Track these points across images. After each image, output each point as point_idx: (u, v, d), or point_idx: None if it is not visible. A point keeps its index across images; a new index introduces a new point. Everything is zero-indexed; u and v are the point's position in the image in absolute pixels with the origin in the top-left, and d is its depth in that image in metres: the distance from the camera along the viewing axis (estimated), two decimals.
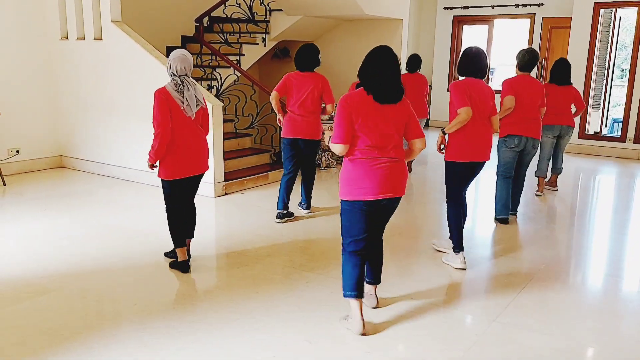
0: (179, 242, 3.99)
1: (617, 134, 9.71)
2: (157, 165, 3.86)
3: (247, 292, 3.69)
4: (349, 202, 3.11)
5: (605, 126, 10.17)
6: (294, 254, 4.45)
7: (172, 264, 4.06)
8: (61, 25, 7.00)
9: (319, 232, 5.03)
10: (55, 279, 3.86)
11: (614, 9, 9.32)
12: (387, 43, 8.77)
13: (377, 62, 3.02)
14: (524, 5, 11.04)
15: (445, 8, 11.98)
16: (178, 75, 3.76)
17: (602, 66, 9.73)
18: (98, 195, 6.16)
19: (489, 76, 11.80)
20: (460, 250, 4.19)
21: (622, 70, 13.01)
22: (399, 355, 3.04)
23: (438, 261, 4.35)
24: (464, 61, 4.14)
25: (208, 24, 8.28)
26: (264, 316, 3.36)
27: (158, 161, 3.83)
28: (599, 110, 9.93)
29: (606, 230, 5.47)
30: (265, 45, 8.32)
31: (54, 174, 7.06)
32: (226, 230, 5.07)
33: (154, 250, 4.40)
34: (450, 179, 4.20)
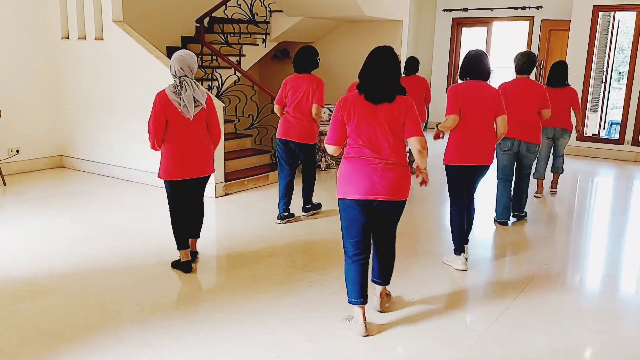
0: (181, 244, 4.00)
1: (615, 136, 9.75)
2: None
3: (249, 292, 3.71)
4: (342, 200, 3.14)
5: (603, 128, 10.20)
6: (295, 255, 4.46)
7: (174, 263, 4.07)
8: (62, 25, 7.01)
9: (320, 232, 5.05)
10: (56, 279, 3.87)
11: (612, 12, 9.36)
12: (387, 44, 8.83)
13: (371, 62, 3.05)
14: (523, 8, 11.07)
15: (445, 10, 12.02)
16: (178, 76, 3.76)
17: (600, 69, 9.77)
18: (98, 195, 6.16)
19: None
20: (462, 252, 4.21)
21: (620, 73, 13.06)
22: (400, 356, 3.06)
23: (438, 262, 4.37)
24: (464, 64, 4.15)
25: (208, 25, 8.28)
26: (266, 316, 3.37)
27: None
28: (597, 113, 9.96)
29: (605, 232, 5.50)
30: (265, 46, 8.34)
31: (54, 173, 7.06)
32: (227, 231, 5.07)
33: (155, 251, 4.41)
34: (449, 181, 4.24)
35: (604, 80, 9.81)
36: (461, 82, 4.19)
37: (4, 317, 3.33)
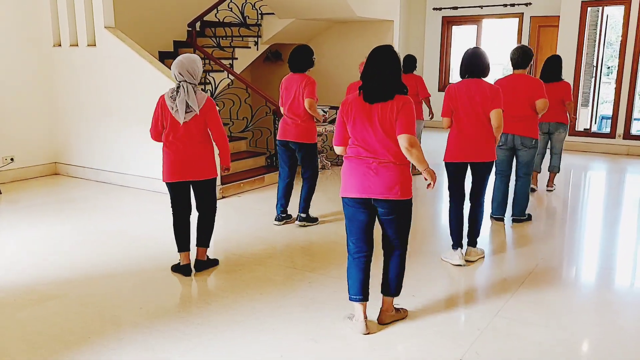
0: (180, 246, 4.02)
1: (606, 130, 9.84)
2: None
3: (250, 293, 3.73)
4: (342, 199, 3.19)
5: (594, 123, 10.29)
6: (295, 256, 4.48)
7: (174, 267, 4.09)
8: (54, 31, 7.00)
9: (318, 233, 5.07)
10: (57, 285, 3.88)
11: (601, 7, 9.44)
12: (379, 44, 8.86)
13: (369, 62, 3.09)
14: (512, 5, 11.16)
15: (435, 9, 12.08)
16: (177, 81, 3.80)
17: (590, 64, 9.84)
18: (95, 202, 6.16)
19: None
20: (459, 247, 4.27)
21: (609, 68, 13.17)
22: (403, 353, 3.09)
23: (436, 260, 4.40)
24: (461, 63, 4.25)
25: (200, 28, 8.30)
26: (268, 317, 3.39)
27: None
28: (588, 108, 10.04)
29: (600, 226, 5.55)
30: (257, 49, 8.35)
31: (49, 181, 7.05)
32: (225, 233, 5.08)
33: (155, 255, 4.42)
34: (447, 178, 4.37)
35: (594, 75, 9.89)
36: (459, 80, 4.28)
37: (7, 324, 3.34)
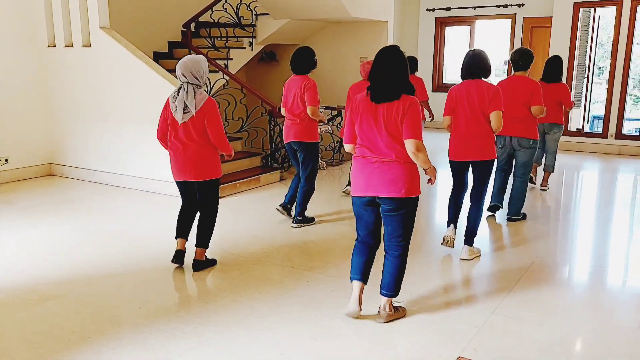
0: (177, 232, 4.20)
1: (598, 130, 9.93)
2: None
3: (249, 292, 3.74)
4: (352, 197, 3.31)
5: (587, 123, 10.37)
6: (292, 255, 4.50)
7: (173, 255, 4.20)
8: (48, 32, 6.98)
9: (315, 233, 5.09)
10: (57, 285, 3.88)
11: (593, 8, 9.53)
12: (373, 45, 8.92)
13: (375, 62, 3.15)
14: (505, 6, 11.22)
15: (428, 10, 12.13)
16: (181, 81, 3.87)
17: (582, 64, 9.93)
18: (92, 202, 6.15)
19: None
20: (452, 224, 4.56)
21: (599, 68, 13.28)
22: (401, 350, 3.11)
23: (433, 258, 4.44)
24: (462, 64, 4.35)
25: (195, 29, 8.30)
26: (268, 316, 3.41)
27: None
28: (581, 108, 10.13)
29: (594, 225, 5.61)
30: (252, 49, 8.37)
31: (44, 182, 7.03)
32: (222, 234, 5.08)
33: (153, 255, 4.44)
34: (451, 173, 4.58)
35: (586, 76, 9.97)
36: (460, 82, 4.40)
37: (7, 324, 3.34)
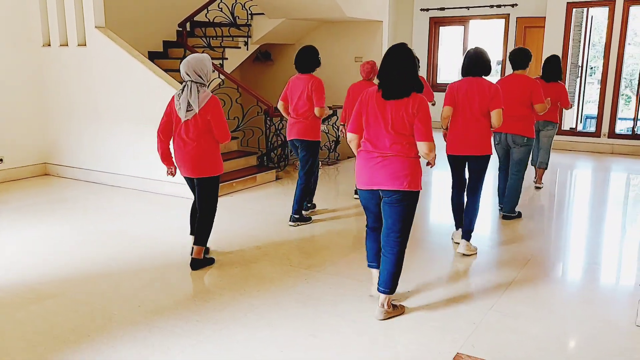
0: (191, 230, 4.32)
1: (591, 129, 10.00)
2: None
3: (248, 291, 3.76)
4: (358, 189, 3.46)
5: (580, 122, 10.45)
6: (290, 254, 4.51)
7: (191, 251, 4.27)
8: (43, 31, 6.96)
9: (312, 231, 5.11)
10: (56, 284, 3.87)
11: (586, 9, 9.60)
12: (368, 45, 8.94)
13: (384, 60, 3.25)
14: (499, 6, 11.28)
15: (422, 10, 12.17)
16: (185, 80, 3.92)
17: (575, 64, 10.01)
18: (88, 202, 6.14)
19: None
20: (459, 227, 4.60)
21: (591, 68, 13.36)
22: (401, 346, 3.14)
23: (430, 255, 4.47)
24: (463, 62, 4.45)
25: (190, 29, 8.30)
26: (267, 313, 3.42)
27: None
28: (574, 107, 10.19)
29: (589, 223, 5.66)
30: (247, 49, 8.38)
31: (39, 181, 7.01)
32: (219, 233, 5.09)
33: (152, 254, 4.44)
34: (450, 168, 4.63)
35: (579, 75, 10.05)
36: (460, 79, 4.49)
37: (7, 323, 3.33)
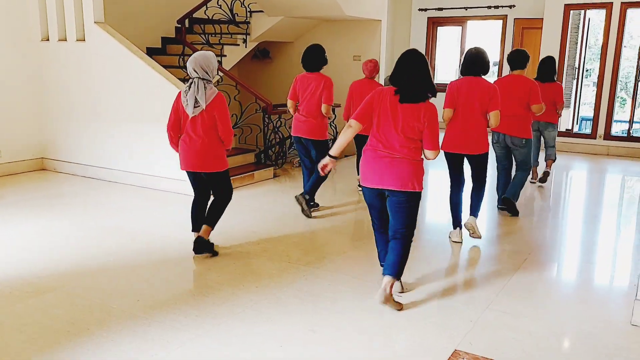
0: (193, 227, 4.35)
1: (586, 131, 10.06)
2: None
3: (247, 286, 3.77)
4: (362, 187, 3.53)
5: (576, 123, 10.51)
6: (289, 250, 4.53)
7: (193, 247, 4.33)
8: (42, 26, 6.94)
9: (311, 229, 5.13)
10: (54, 278, 3.87)
11: (583, 11, 9.65)
12: (367, 44, 8.96)
13: (401, 65, 3.33)
14: (496, 7, 11.33)
15: (420, 10, 12.21)
16: (192, 77, 3.98)
17: (572, 66, 10.06)
18: (86, 197, 6.14)
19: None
20: (457, 227, 4.66)
21: (587, 70, 13.44)
22: (399, 343, 3.16)
23: (428, 252, 4.50)
24: (463, 61, 4.53)
25: (189, 25, 8.29)
26: (267, 308, 3.44)
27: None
28: (570, 109, 10.25)
29: (585, 222, 5.68)
30: (246, 46, 8.39)
31: (36, 176, 6.99)
32: (218, 229, 5.07)
33: (151, 249, 4.45)
34: (447, 164, 4.71)
35: (575, 77, 10.10)
36: (460, 77, 4.57)
37: (6, 317, 3.33)
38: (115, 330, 3.15)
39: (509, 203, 5.53)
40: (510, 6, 11.17)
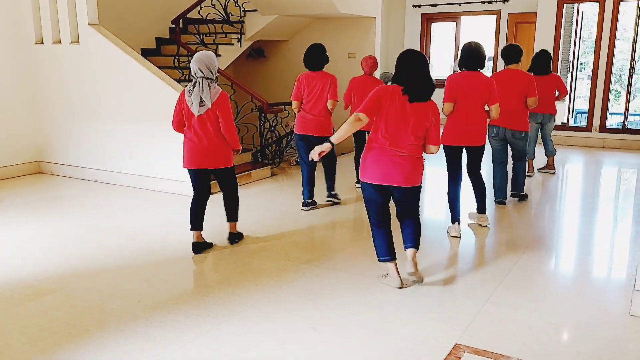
0: (192, 225, 4.37)
1: (582, 124, 10.08)
2: None
3: (247, 285, 3.78)
4: (363, 182, 3.61)
5: (571, 117, 10.53)
6: (287, 249, 4.53)
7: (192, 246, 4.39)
8: (35, 29, 6.93)
9: (309, 227, 5.14)
10: (54, 280, 3.88)
11: (576, 4, 9.67)
12: (361, 41, 8.97)
13: (408, 64, 3.42)
14: (490, 2, 11.34)
15: (414, 6, 12.21)
16: (197, 77, 4.04)
17: (566, 59, 10.08)
18: (84, 199, 6.13)
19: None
20: (456, 221, 4.69)
21: (582, 64, 13.46)
22: (400, 337, 3.16)
23: (426, 248, 4.50)
24: (460, 56, 4.57)
25: (183, 25, 8.29)
26: (267, 307, 3.45)
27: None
28: (565, 102, 10.27)
29: (582, 215, 5.71)
30: (240, 46, 8.39)
31: (33, 179, 6.99)
32: (216, 228, 5.11)
33: (150, 250, 4.46)
34: (446, 159, 4.75)
35: (570, 71, 10.13)
36: (458, 71, 4.63)
37: (7, 319, 3.34)
38: (116, 331, 3.16)
39: (519, 195, 5.81)
40: (504, 1, 11.19)
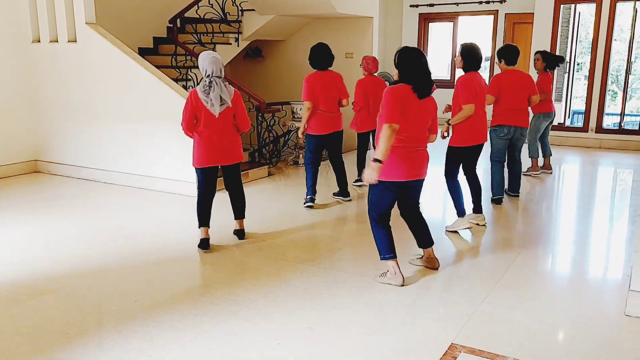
0: (201, 222, 4.49)
1: (577, 125, 10.12)
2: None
3: (244, 285, 3.79)
4: (383, 182, 3.57)
5: (568, 117, 10.57)
6: (284, 248, 4.55)
7: (199, 243, 4.47)
8: (32, 28, 6.92)
9: (305, 227, 5.15)
10: (52, 280, 3.88)
11: (573, 5, 9.70)
12: (359, 41, 8.97)
13: (414, 61, 3.50)
14: (487, 2, 11.37)
15: (411, 6, 12.23)
16: (212, 76, 4.11)
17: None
18: (83, 199, 6.13)
19: (454, 71, 12.11)
20: (464, 214, 4.78)
21: (578, 64, 13.51)
22: (396, 337, 3.18)
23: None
24: (467, 58, 4.60)
25: (181, 25, 8.29)
26: (264, 306, 3.46)
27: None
28: (562, 103, 10.31)
29: (577, 215, 5.73)
30: (238, 45, 8.38)
31: (30, 179, 6.98)
32: (213, 228, 5.11)
33: (150, 249, 4.47)
34: (452, 161, 4.80)
35: (567, 71, 10.16)
36: (464, 73, 4.72)
37: (4, 319, 3.34)
38: (115, 331, 3.17)
39: (515, 196, 5.96)
40: (501, 1, 11.21)
